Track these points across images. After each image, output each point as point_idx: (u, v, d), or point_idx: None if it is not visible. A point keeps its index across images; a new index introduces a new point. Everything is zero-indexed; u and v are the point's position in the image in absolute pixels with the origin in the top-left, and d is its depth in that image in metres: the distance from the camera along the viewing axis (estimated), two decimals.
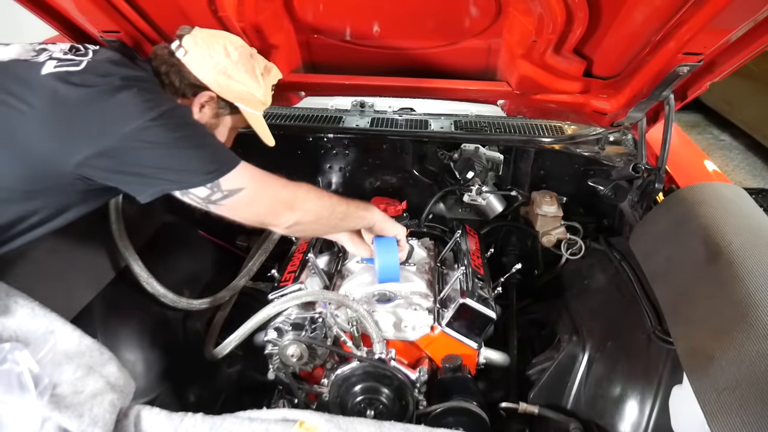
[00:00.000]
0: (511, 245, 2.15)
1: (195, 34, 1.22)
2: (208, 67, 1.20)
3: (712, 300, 1.07)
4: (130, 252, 1.49)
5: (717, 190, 1.41)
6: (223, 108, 1.27)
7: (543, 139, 1.86)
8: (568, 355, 1.49)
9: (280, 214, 1.19)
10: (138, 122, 1.00)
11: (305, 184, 1.24)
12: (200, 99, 1.23)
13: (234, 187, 1.10)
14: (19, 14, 1.42)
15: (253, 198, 1.14)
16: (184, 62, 1.20)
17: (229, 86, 1.23)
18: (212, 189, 1.08)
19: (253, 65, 1.26)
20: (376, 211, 1.40)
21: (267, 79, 1.29)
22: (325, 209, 1.26)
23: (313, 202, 1.23)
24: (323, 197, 1.26)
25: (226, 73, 1.21)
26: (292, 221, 1.20)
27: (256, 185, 1.14)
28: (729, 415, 0.84)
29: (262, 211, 1.19)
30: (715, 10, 1.07)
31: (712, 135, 5.19)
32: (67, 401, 1.00)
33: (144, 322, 1.54)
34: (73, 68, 1.07)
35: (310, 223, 1.25)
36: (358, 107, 2.06)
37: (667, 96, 1.43)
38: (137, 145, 1.01)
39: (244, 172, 1.12)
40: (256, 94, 1.27)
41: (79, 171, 1.03)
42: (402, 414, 1.38)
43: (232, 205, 1.12)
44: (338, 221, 1.32)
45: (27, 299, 1.14)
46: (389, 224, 1.42)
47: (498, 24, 1.41)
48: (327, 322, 1.42)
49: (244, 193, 1.11)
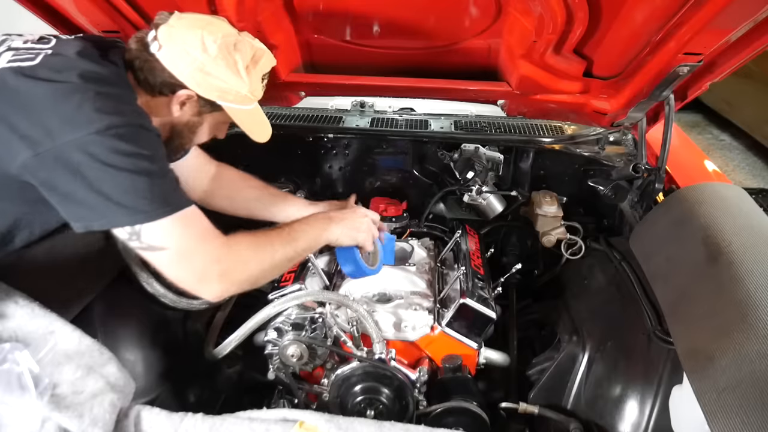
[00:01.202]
0: (511, 245, 2.15)
1: (172, 23, 1.09)
2: (184, 64, 1.08)
3: (712, 300, 1.07)
4: (129, 252, 1.48)
5: (717, 190, 1.41)
6: (205, 106, 1.17)
7: (543, 139, 1.86)
8: (568, 355, 1.49)
9: (207, 284, 1.07)
10: (82, 132, 0.92)
11: (245, 244, 1.12)
12: (179, 98, 1.13)
13: (155, 243, 0.99)
14: (19, 14, 1.42)
15: (175, 261, 1.03)
16: (158, 58, 1.08)
17: (209, 83, 1.11)
18: (131, 235, 0.98)
19: (235, 59, 1.12)
20: (331, 228, 1.32)
21: (254, 71, 1.16)
22: (265, 266, 1.15)
23: (251, 268, 1.12)
24: (265, 256, 1.14)
25: (203, 70, 1.09)
26: (222, 293, 1.09)
27: (182, 248, 1.02)
28: (729, 415, 0.84)
29: (185, 278, 1.07)
30: (715, 10, 1.07)
31: (712, 135, 5.19)
32: (67, 401, 1.00)
33: (144, 322, 1.53)
34: (28, 62, 0.99)
35: (249, 286, 1.14)
36: (358, 107, 2.06)
37: (667, 96, 1.43)
38: (75, 158, 0.92)
39: (176, 227, 1.00)
40: (240, 90, 1.14)
41: (23, 176, 0.95)
42: (402, 414, 1.38)
43: (153, 260, 1.03)
44: (285, 266, 1.24)
45: (27, 299, 1.14)
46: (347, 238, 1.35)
47: (498, 24, 1.41)
48: (327, 322, 1.42)
49: (165, 253, 1.00)
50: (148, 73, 1.11)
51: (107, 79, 1.03)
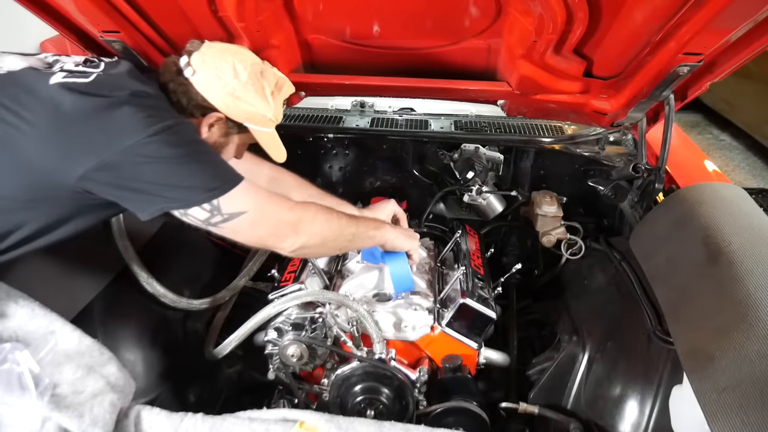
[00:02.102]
0: (511, 245, 2.15)
1: (204, 51, 1.19)
2: (217, 88, 1.17)
3: (712, 300, 1.07)
4: (130, 252, 1.49)
5: (717, 190, 1.41)
6: (232, 128, 1.25)
7: (543, 139, 1.86)
8: (568, 355, 1.49)
9: (284, 238, 1.17)
10: (140, 136, 0.99)
11: (312, 206, 1.22)
12: (208, 120, 1.21)
13: (235, 210, 1.08)
14: (20, 14, 1.42)
15: (255, 221, 1.12)
16: (192, 82, 1.17)
17: (238, 107, 1.20)
18: (212, 211, 1.06)
19: (263, 85, 1.22)
20: (387, 229, 1.38)
21: (278, 96, 1.27)
22: (332, 232, 1.24)
23: (319, 225, 1.21)
24: (331, 219, 1.24)
25: (234, 95, 1.18)
26: (297, 245, 1.17)
27: (258, 208, 1.12)
28: (729, 415, 0.84)
29: (265, 235, 1.16)
30: (715, 10, 1.07)
31: (712, 135, 5.18)
32: (67, 401, 1.00)
33: (144, 322, 1.54)
34: (82, 80, 1.06)
35: (317, 246, 1.24)
36: (358, 107, 2.06)
37: (667, 96, 1.43)
38: (138, 160, 1.00)
39: (247, 192, 1.10)
40: (266, 114, 1.24)
41: (81, 184, 1.02)
42: (402, 414, 1.38)
43: (234, 227, 1.10)
44: (346, 243, 1.30)
45: (27, 299, 1.14)
46: (401, 241, 1.40)
47: (498, 24, 1.41)
48: (327, 322, 1.42)
49: (245, 217, 1.09)
50: (182, 96, 1.19)
51: (152, 95, 1.12)
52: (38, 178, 1.02)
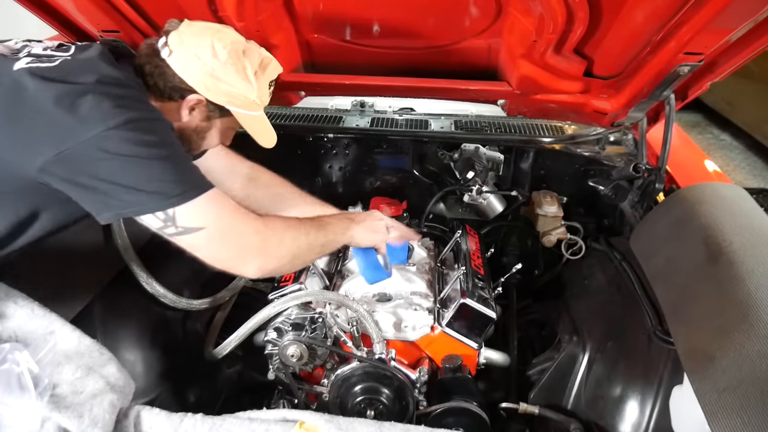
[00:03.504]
0: (511, 245, 2.15)
1: (182, 30, 1.12)
2: (195, 68, 1.11)
3: (712, 300, 1.07)
4: (129, 252, 1.48)
5: (717, 190, 1.41)
6: (213, 111, 1.19)
7: (543, 139, 1.86)
8: (568, 356, 1.49)
9: (246, 262, 1.08)
10: (99, 129, 0.93)
11: (280, 223, 1.15)
12: (188, 102, 1.15)
13: (191, 225, 1.00)
14: (20, 14, 1.42)
15: (214, 240, 1.03)
16: (168, 63, 1.11)
17: (218, 88, 1.13)
18: (165, 221, 0.98)
19: (244, 64, 1.14)
20: (353, 228, 1.34)
21: (262, 77, 1.18)
22: (300, 249, 1.17)
23: (287, 245, 1.14)
24: (299, 236, 1.17)
25: (213, 75, 1.11)
26: (262, 270, 1.10)
27: (218, 225, 1.03)
28: (730, 415, 0.84)
29: (225, 257, 1.07)
30: (715, 10, 1.07)
31: (713, 135, 5.18)
32: (66, 401, 1.00)
33: (144, 322, 1.53)
34: (47, 64, 1.00)
35: (284, 266, 1.18)
36: (358, 107, 2.06)
37: (668, 96, 1.43)
38: (95, 155, 0.94)
39: (209, 206, 1.02)
40: (249, 95, 1.16)
41: (42, 177, 0.96)
42: (402, 414, 1.38)
43: (191, 243, 1.03)
44: (316, 255, 1.26)
45: (26, 299, 1.14)
46: (364, 239, 1.37)
47: (498, 24, 1.41)
48: (327, 322, 1.42)
49: (202, 233, 1.01)
50: (158, 78, 1.12)
51: (122, 81, 1.04)
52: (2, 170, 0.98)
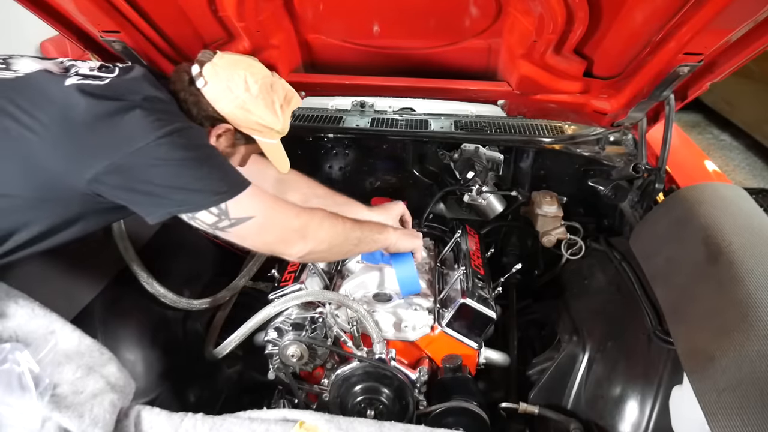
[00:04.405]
0: (511, 245, 2.15)
1: (216, 62, 1.20)
2: (228, 100, 1.18)
3: (712, 300, 1.07)
4: (130, 252, 1.48)
5: (717, 190, 1.41)
6: (239, 139, 1.26)
7: (543, 139, 1.86)
8: (568, 356, 1.49)
9: (291, 244, 1.17)
10: (150, 138, 1.00)
11: (318, 211, 1.22)
12: (218, 130, 1.21)
13: (242, 215, 1.08)
14: (19, 14, 1.42)
15: (263, 226, 1.12)
16: (203, 93, 1.18)
17: (248, 119, 1.21)
18: (219, 216, 1.06)
19: (273, 99, 1.23)
20: (390, 232, 1.37)
21: (286, 110, 1.28)
22: (338, 237, 1.24)
23: (326, 231, 1.21)
24: (337, 225, 1.24)
25: (244, 108, 1.20)
26: (305, 251, 1.18)
27: (266, 213, 1.12)
28: (729, 415, 0.84)
29: (272, 240, 1.17)
30: (715, 10, 1.07)
31: (712, 135, 5.18)
32: (67, 401, 1.00)
33: (144, 322, 1.54)
34: (97, 82, 1.08)
35: (323, 252, 1.24)
36: (358, 107, 2.06)
37: (668, 96, 1.43)
38: (148, 162, 1.01)
39: (254, 198, 1.11)
40: (275, 126, 1.25)
41: (91, 187, 1.02)
42: (402, 414, 1.38)
43: (241, 232, 1.10)
44: (352, 247, 1.30)
45: (27, 299, 1.14)
46: (403, 242, 1.40)
47: (498, 24, 1.41)
48: (327, 322, 1.42)
49: (253, 222, 1.09)
50: (192, 105, 1.19)
51: (164, 100, 1.13)
52: (49, 180, 1.03)
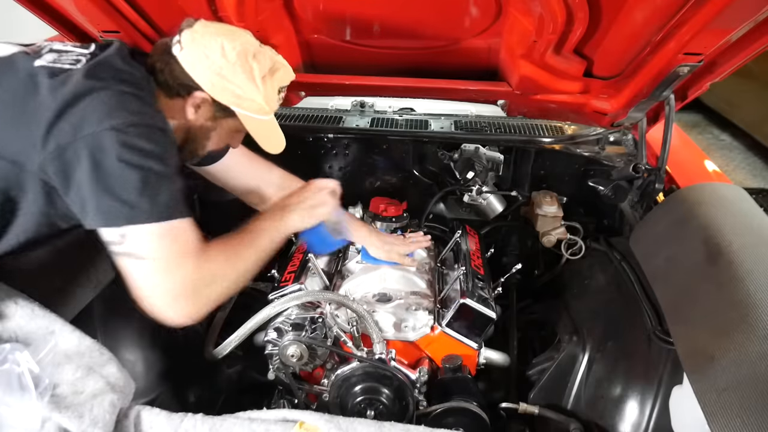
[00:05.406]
0: (511, 245, 2.15)
1: (196, 29, 1.14)
2: (203, 66, 1.12)
3: (712, 300, 1.07)
4: None
5: (717, 190, 1.41)
6: (219, 111, 1.19)
7: (543, 139, 1.86)
8: (568, 356, 1.49)
9: (178, 303, 1.01)
10: (101, 126, 0.94)
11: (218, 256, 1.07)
12: (194, 99, 1.15)
13: (135, 251, 0.97)
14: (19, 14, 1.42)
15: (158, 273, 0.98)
16: (178, 59, 1.12)
17: (224, 88, 1.14)
18: (120, 236, 0.96)
19: (252, 67, 1.14)
20: (289, 216, 1.28)
21: (269, 81, 1.18)
22: (234, 274, 1.11)
23: (220, 285, 1.07)
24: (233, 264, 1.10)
25: (220, 74, 1.12)
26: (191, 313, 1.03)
27: (162, 263, 0.98)
28: (730, 415, 0.84)
29: (157, 296, 1.01)
30: (715, 10, 1.07)
31: (712, 135, 5.18)
32: (67, 402, 1.00)
33: (144, 322, 1.52)
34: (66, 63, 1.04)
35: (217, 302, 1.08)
36: (358, 107, 2.06)
37: (668, 96, 1.43)
38: (89, 151, 0.94)
39: (163, 238, 0.97)
40: (255, 98, 1.16)
41: (40, 174, 0.98)
42: (402, 414, 1.38)
43: (127, 267, 0.99)
44: (253, 269, 1.17)
45: (27, 300, 1.14)
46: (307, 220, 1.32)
47: (498, 24, 1.41)
48: (327, 322, 1.42)
49: (143, 264, 0.97)
50: (167, 75, 1.14)
51: (134, 79, 1.06)
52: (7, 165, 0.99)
